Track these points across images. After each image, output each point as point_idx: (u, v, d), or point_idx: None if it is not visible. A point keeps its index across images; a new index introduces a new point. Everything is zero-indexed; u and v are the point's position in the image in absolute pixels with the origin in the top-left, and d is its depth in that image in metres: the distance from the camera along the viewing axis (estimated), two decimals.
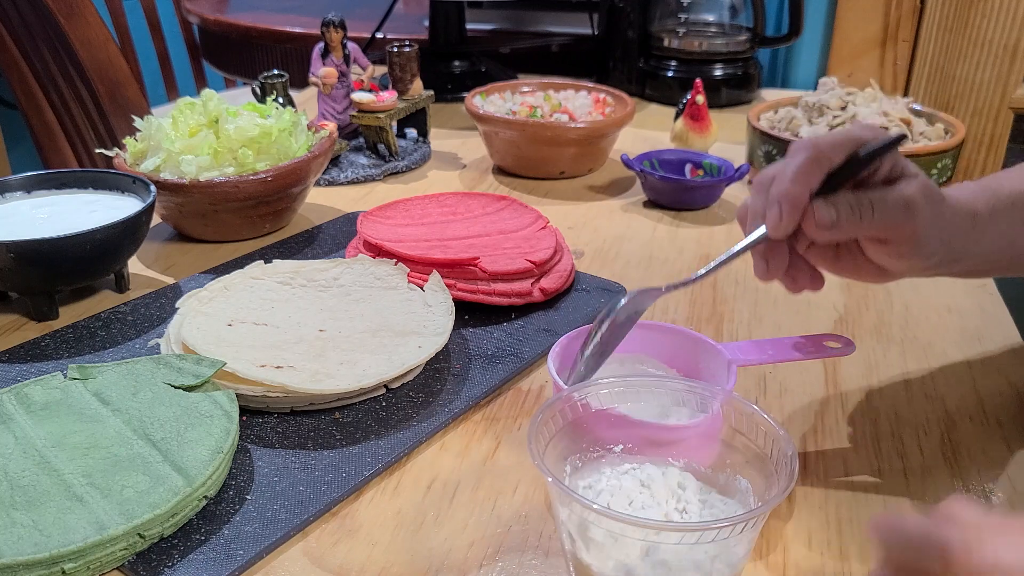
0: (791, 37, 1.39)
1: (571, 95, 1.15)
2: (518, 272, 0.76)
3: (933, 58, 1.60)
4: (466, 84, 1.32)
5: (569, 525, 0.45)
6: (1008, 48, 1.51)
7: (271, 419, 0.62)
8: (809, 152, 0.52)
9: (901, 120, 0.98)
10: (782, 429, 0.47)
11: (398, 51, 1.10)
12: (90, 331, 0.72)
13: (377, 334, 0.67)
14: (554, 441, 0.49)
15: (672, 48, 1.37)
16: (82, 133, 1.51)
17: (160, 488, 0.51)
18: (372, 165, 1.09)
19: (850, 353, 0.61)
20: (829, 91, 1.05)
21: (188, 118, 0.88)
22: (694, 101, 1.08)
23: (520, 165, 1.09)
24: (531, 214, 0.87)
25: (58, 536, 0.47)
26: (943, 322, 0.76)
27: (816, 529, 0.53)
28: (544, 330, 0.73)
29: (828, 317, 0.77)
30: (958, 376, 0.69)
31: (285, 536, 0.52)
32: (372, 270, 0.75)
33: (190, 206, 0.86)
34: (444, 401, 0.64)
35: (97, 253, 0.74)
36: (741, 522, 0.41)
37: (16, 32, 1.46)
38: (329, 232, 0.92)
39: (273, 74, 1.04)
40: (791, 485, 0.43)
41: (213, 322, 0.67)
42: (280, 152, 0.89)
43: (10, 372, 0.67)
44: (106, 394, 0.59)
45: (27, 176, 0.82)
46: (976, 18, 1.53)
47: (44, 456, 0.53)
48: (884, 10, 1.60)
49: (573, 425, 0.50)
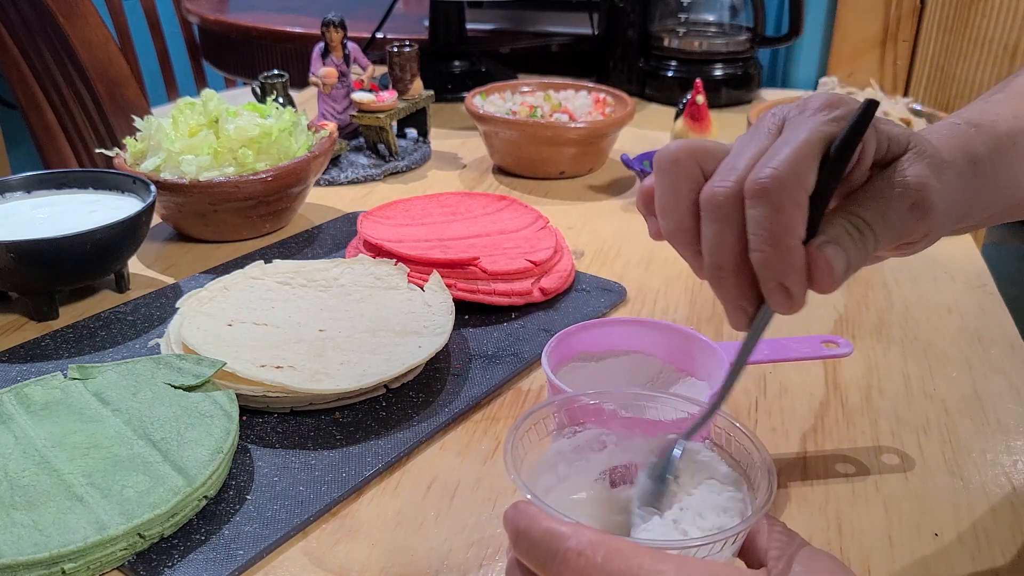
0: (791, 37, 1.39)
1: (571, 95, 1.15)
2: (518, 272, 0.76)
3: (933, 58, 1.60)
4: (466, 84, 1.32)
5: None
6: (1008, 48, 1.51)
7: (271, 419, 0.62)
8: (771, 199, 0.39)
9: (901, 120, 0.98)
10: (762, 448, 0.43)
11: (398, 51, 1.10)
12: (90, 331, 0.72)
13: (377, 334, 0.67)
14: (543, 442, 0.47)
15: (672, 48, 1.37)
16: (82, 133, 1.51)
17: (160, 488, 0.51)
18: (372, 165, 1.09)
19: (849, 354, 0.61)
20: (829, 91, 1.05)
21: (188, 118, 0.88)
22: (694, 101, 1.08)
23: (520, 165, 1.09)
24: (531, 214, 0.87)
25: (58, 536, 0.47)
26: (943, 322, 0.76)
27: (816, 529, 0.53)
28: (544, 330, 0.73)
29: (828, 317, 0.77)
30: (958, 376, 0.69)
31: (285, 536, 0.52)
32: (372, 270, 0.75)
33: (190, 206, 0.86)
34: (444, 401, 0.64)
35: (97, 253, 0.74)
36: (717, 541, 0.39)
37: (16, 32, 1.46)
38: (329, 232, 0.92)
39: (273, 74, 1.04)
40: (771, 499, 0.40)
41: (213, 322, 0.67)
42: (280, 152, 0.89)
43: (10, 372, 0.67)
44: (106, 394, 0.59)
45: (27, 176, 0.82)
46: (976, 18, 1.53)
47: (44, 456, 0.53)
48: (884, 10, 1.61)
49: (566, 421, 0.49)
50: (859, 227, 0.41)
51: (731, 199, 0.41)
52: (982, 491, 0.56)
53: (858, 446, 0.61)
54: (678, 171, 0.43)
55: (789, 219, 0.40)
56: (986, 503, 0.55)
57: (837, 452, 0.60)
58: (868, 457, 0.60)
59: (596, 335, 0.63)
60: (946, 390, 0.67)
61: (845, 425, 0.63)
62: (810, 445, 0.61)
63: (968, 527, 0.53)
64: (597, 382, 0.61)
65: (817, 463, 0.59)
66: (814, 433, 0.62)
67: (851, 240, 0.41)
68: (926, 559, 0.51)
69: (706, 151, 0.43)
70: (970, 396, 0.66)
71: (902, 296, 0.80)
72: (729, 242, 0.41)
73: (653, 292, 0.81)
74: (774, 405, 0.65)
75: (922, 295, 0.81)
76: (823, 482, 0.57)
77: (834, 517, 0.54)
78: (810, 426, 0.63)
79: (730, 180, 0.41)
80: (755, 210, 0.40)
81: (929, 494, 0.56)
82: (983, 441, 0.61)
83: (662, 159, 0.44)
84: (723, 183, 0.41)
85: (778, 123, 0.43)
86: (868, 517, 0.54)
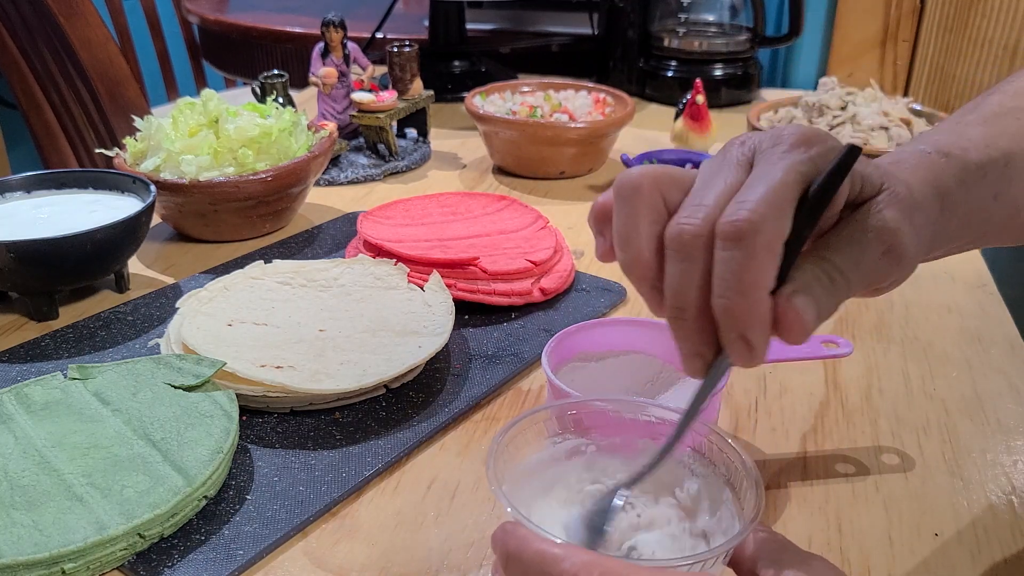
0: (791, 37, 1.39)
1: (571, 95, 1.15)
2: (518, 272, 0.76)
3: (933, 58, 1.60)
4: (466, 84, 1.31)
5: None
6: (1008, 48, 1.51)
7: (271, 419, 0.62)
8: (745, 244, 0.36)
9: (901, 120, 0.98)
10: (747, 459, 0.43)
11: (398, 51, 1.10)
12: (90, 331, 0.72)
13: (377, 334, 0.67)
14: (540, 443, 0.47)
15: (672, 48, 1.37)
16: (82, 133, 1.51)
17: (160, 488, 0.51)
18: (372, 165, 1.09)
19: (849, 354, 0.61)
20: (829, 91, 1.05)
21: (188, 118, 0.88)
22: (694, 101, 1.08)
23: (520, 165, 1.09)
24: (531, 214, 0.87)
25: (58, 536, 0.47)
26: (943, 322, 0.76)
27: (816, 529, 0.53)
28: (544, 330, 0.73)
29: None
30: (958, 376, 0.69)
31: (285, 536, 0.52)
32: (372, 270, 0.75)
33: (190, 206, 0.86)
34: (444, 401, 0.64)
35: (97, 253, 0.74)
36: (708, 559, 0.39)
37: (16, 32, 1.46)
38: (329, 232, 0.92)
39: (273, 74, 1.04)
40: (760, 511, 0.40)
41: (213, 322, 0.67)
42: (280, 152, 0.89)
43: (10, 372, 0.67)
44: (106, 394, 0.59)
45: (27, 176, 0.82)
46: (976, 18, 1.53)
47: (44, 456, 0.53)
48: (884, 10, 1.61)
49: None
50: (830, 274, 0.39)
51: (699, 238, 0.38)
52: (982, 491, 0.56)
53: (858, 446, 0.61)
54: (639, 199, 0.40)
55: (761, 267, 0.37)
56: (986, 503, 0.55)
57: (837, 452, 0.60)
58: (868, 457, 0.60)
59: (596, 335, 0.63)
60: (946, 390, 0.67)
61: (845, 425, 0.63)
62: (810, 445, 0.61)
63: (968, 527, 0.53)
64: (597, 382, 0.61)
65: (817, 463, 0.59)
66: (814, 433, 0.62)
67: (822, 289, 0.38)
68: (926, 559, 0.51)
69: (671, 179, 0.41)
70: (970, 396, 0.66)
71: (902, 296, 0.80)
72: (694, 284, 0.38)
73: None
74: (774, 405, 0.65)
75: (922, 295, 0.81)
76: (823, 482, 0.57)
77: (834, 517, 0.54)
78: (810, 426, 0.63)
79: (697, 217, 0.38)
80: (726, 253, 0.37)
81: (929, 494, 0.56)
82: (983, 441, 0.61)
83: (622, 186, 0.41)
84: (690, 220, 0.38)
85: (748, 154, 0.40)
86: (868, 517, 0.54)
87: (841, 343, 0.62)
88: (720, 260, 0.37)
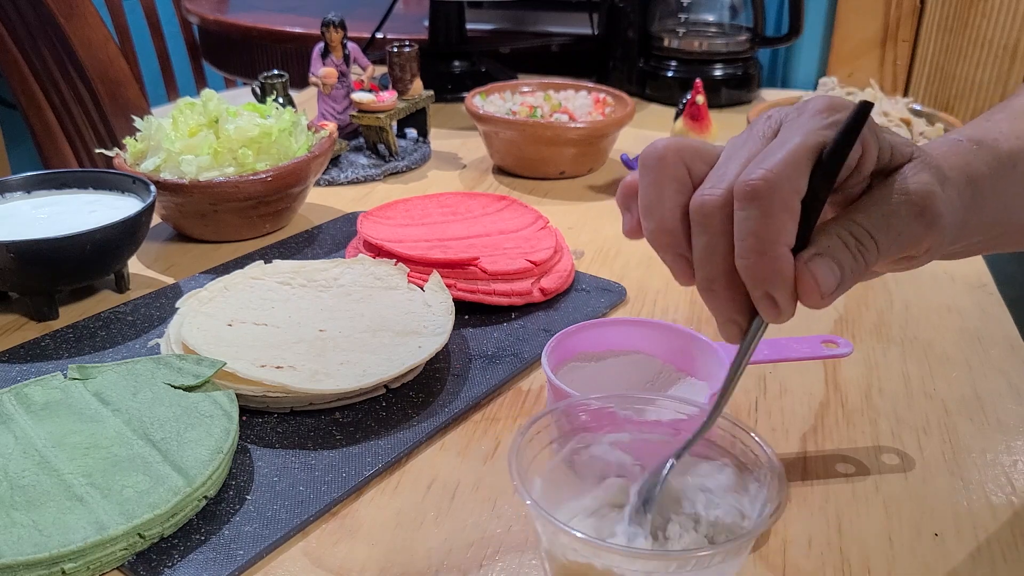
0: (791, 37, 1.39)
1: (571, 95, 1.15)
2: (518, 272, 0.76)
3: (933, 58, 1.60)
4: (466, 84, 1.32)
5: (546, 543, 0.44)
6: (1008, 48, 1.51)
7: (271, 419, 0.62)
8: (761, 202, 0.37)
9: (901, 120, 0.98)
10: (769, 448, 0.43)
11: (398, 51, 1.10)
12: (90, 331, 0.72)
13: (377, 334, 0.67)
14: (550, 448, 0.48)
15: (672, 48, 1.37)
16: (82, 133, 1.51)
17: (160, 488, 0.51)
18: (372, 165, 1.09)
19: (849, 354, 0.61)
20: (829, 91, 1.05)
21: (188, 118, 0.88)
22: (694, 101, 1.08)
23: (520, 165, 1.09)
24: (531, 214, 0.87)
25: (58, 536, 0.47)
26: (943, 322, 0.76)
27: (816, 529, 0.53)
28: (544, 330, 0.73)
29: (828, 317, 0.77)
30: (958, 376, 0.69)
31: (285, 536, 0.52)
32: (372, 270, 0.75)
33: (190, 206, 0.86)
34: (444, 401, 0.64)
35: (97, 253, 0.74)
36: (724, 550, 0.39)
37: (16, 32, 1.46)
38: (329, 232, 0.92)
39: (273, 74, 1.04)
40: (783, 502, 0.40)
41: (213, 322, 0.67)
42: (280, 152, 0.89)
43: (10, 372, 0.67)
44: (106, 394, 0.59)
45: (27, 176, 0.82)
46: (976, 18, 1.53)
47: (44, 456, 0.53)
48: (884, 10, 1.61)
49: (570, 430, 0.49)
50: (859, 236, 0.39)
51: (722, 208, 0.39)
52: (982, 491, 0.56)
53: (858, 446, 0.61)
54: (664, 169, 0.41)
55: (778, 224, 0.37)
56: (986, 503, 0.55)
57: (837, 452, 0.60)
58: (868, 457, 0.60)
59: (596, 335, 0.63)
60: (946, 390, 0.67)
61: (845, 425, 0.63)
62: (810, 445, 0.61)
63: (968, 527, 0.53)
64: (597, 382, 0.61)
65: (817, 463, 0.59)
66: (814, 433, 0.62)
67: (847, 252, 0.38)
68: (926, 559, 0.51)
69: (695, 151, 0.42)
70: (970, 396, 0.66)
71: (902, 296, 0.80)
72: (720, 254, 0.39)
73: (653, 292, 0.81)
74: (774, 405, 0.65)
75: (922, 295, 0.81)
76: (823, 482, 0.57)
77: (834, 517, 0.54)
78: (810, 426, 0.63)
79: (720, 187, 0.39)
80: (743, 212, 0.38)
81: (929, 494, 0.56)
82: (983, 441, 0.61)
83: (648, 156, 0.42)
84: (713, 191, 0.39)
85: (774, 126, 0.42)
86: (868, 517, 0.54)
87: (841, 343, 0.62)
88: (738, 221, 0.38)
